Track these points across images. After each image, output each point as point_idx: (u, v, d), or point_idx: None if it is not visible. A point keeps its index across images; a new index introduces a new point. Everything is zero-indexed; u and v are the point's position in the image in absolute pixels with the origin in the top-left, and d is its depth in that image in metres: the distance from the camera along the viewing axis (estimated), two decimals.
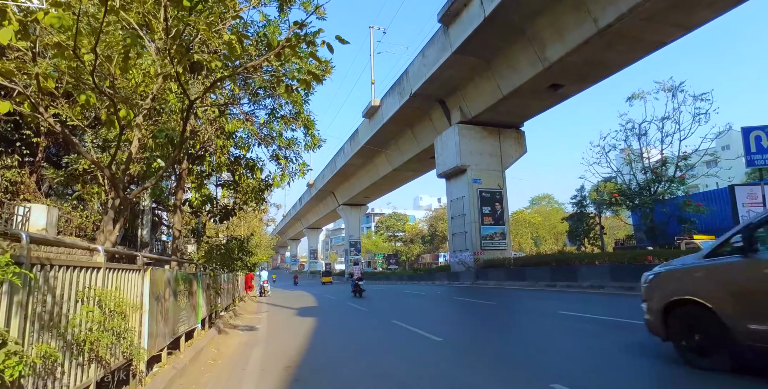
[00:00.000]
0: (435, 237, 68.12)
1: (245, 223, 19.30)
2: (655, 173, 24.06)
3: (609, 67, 18.50)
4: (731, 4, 14.22)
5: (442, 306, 13.17)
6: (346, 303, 15.26)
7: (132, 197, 4.87)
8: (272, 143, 8.10)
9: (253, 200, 8.30)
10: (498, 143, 24.92)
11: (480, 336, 7.11)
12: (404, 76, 25.55)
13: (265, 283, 23.38)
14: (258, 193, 8.22)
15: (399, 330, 8.13)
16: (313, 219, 67.12)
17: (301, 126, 7.42)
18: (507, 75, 20.37)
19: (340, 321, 10.22)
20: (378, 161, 37.33)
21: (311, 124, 7.25)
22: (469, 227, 23.37)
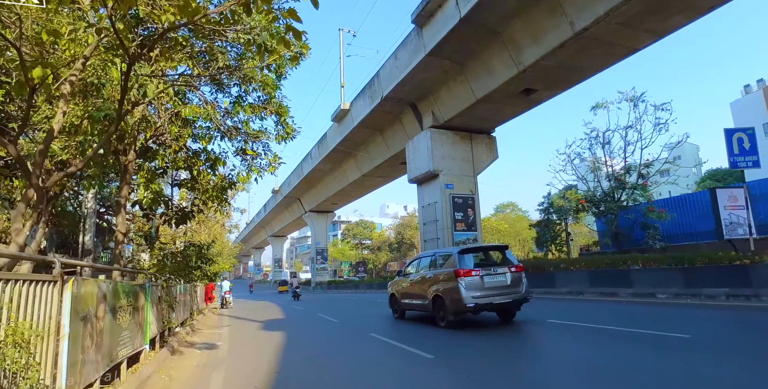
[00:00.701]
0: (402, 245, 67.57)
1: (206, 229, 17.91)
2: (619, 180, 24.46)
3: (582, 72, 18.50)
4: (703, 10, 14.40)
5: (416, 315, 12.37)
6: (316, 313, 14.22)
7: (49, 186, 3.83)
8: (238, 134, 7.13)
9: (214, 200, 7.25)
10: (470, 148, 24.61)
11: (476, 351, 6.36)
12: (375, 79, 24.91)
13: (227, 294, 21.92)
14: (220, 192, 7.20)
15: (381, 345, 7.28)
16: (278, 227, 65.14)
17: (271, 114, 6.50)
18: (481, 79, 20.07)
19: (312, 335, 9.24)
20: (347, 166, 36.43)
21: (284, 111, 6.34)
22: (441, 233, 22.80)
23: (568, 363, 5.12)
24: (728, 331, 6.60)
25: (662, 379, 4.13)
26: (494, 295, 8.47)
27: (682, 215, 24.14)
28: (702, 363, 4.63)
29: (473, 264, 9.09)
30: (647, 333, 6.58)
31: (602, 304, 11.25)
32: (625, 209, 23.98)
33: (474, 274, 8.59)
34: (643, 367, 4.61)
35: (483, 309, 8.49)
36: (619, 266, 12.81)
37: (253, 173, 6.51)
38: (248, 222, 72.87)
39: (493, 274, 8.80)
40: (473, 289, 8.42)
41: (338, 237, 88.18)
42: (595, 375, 4.46)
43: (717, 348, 5.35)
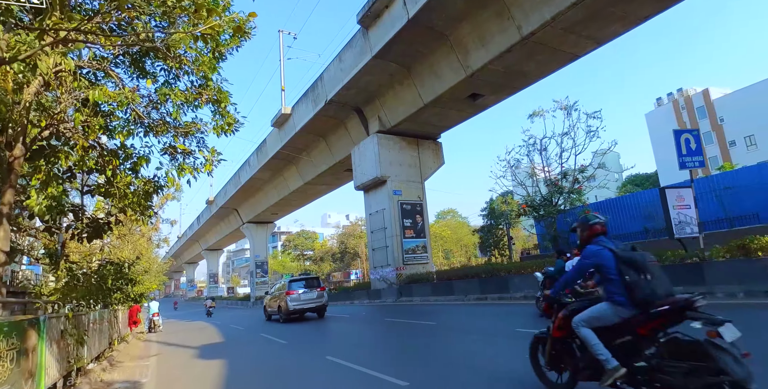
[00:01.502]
0: (345, 255, 66.24)
1: (130, 244, 15.77)
2: (556, 184, 25.27)
3: (527, 77, 18.76)
4: (639, 19, 15.01)
5: (376, 330, 11.43)
6: (259, 334, 12.80)
7: None
8: (166, 130, 5.89)
9: (135, 207, 5.92)
10: (417, 153, 24.27)
11: (454, 374, 5.55)
12: (319, 82, 23.92)
13: (156, 316, 19.60)
14: (143, 197, 5.88)
15: (342, 371, 6.28)
16: (213, 240, 61.30)
17: (207, 103, 5.36)
18: (428, 83, 19.77)
19: (259, 361, 7.98)
20: (288, 174, 34.85)
21: (224, 97, 5.21)
22: (390, 240, 22.11)
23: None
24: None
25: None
26: (306, 304, 15.94)
27: (614, 218, 25.35)
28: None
29: (298, 287, 16.13)
30: None
31: None
32: (563, 213, 24.80)
33: (295, 293, 15.89)
34: None
35: (299, 312, 15.91)
36: None
37: (186, 173, 5.30)
38: (180, 236, 68.00)
39: (308, 292, 16.05)
40: (294, 301, 15.73)
41: (278, 249, 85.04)
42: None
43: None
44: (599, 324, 3.48)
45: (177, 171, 5.32)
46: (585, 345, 3.50)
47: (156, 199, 6.82)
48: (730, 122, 49.89)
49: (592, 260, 3.58)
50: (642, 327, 3.25)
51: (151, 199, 5.93)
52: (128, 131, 5.65)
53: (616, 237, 15.25)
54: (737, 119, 48.63)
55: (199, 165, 5.85)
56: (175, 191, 13.91)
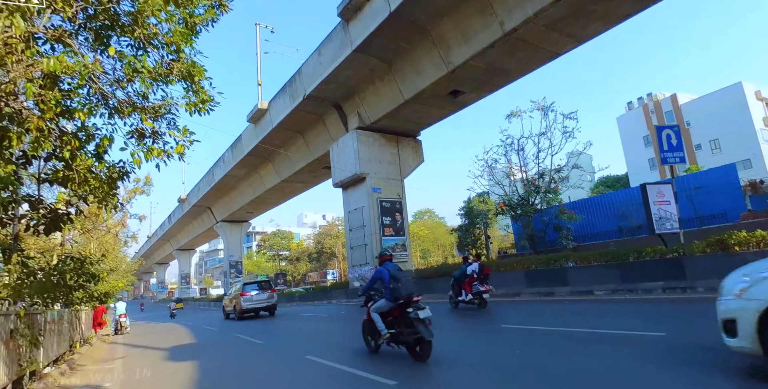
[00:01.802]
0: (322, 254, 65.53)
1: (95, 240, 14.84)
2: (533, 184, 25.48)
3: (508, 75, 18.74)
4: (620, 18, 15.14)
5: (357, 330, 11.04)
6: (233, 335, 12.23)
7: None
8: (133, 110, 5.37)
9: (98, 194, 5.38)
10: (397, 151, 24.00)
11: (443, 372, 5.25)
12: (297, 77, 23.37)
13: (123, 317, 18.66)
14: (106, 183, 5.35)
15: (324, 370, 5.90)
16: (185, 239, 59.54)
17: (180, 79, 4.88)
18: (409, 78, 19.53)
19: (234, 363, 7.50)
20: (264, 171, 34.06)
21: (198, 71, 4.74)
22: (369, 239, 21.75)
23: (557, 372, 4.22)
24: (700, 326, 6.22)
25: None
26: (258, 304, 17.88)
27: (589, 217, 25.76)
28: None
29: (251, 289, 18.25)
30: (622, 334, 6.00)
31: (541, 305, 10.88)
32: (540, 212, 25.04)
33: (248, 294, 17.89)
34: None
35: (252, 311, 17.86)
36: (553, 265, 12.68)
37: (154, 154, 4.78)
38: (150, 235, 65.84)
39: (260, 294, 18.01)
40: (247, 301, 17.63)
41: (253, 249, 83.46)
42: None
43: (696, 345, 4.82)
44: (380, 311, 6.28)
45: (144, 153, 4.82)
46: (374, 322, 6.36)
47: (122, 188, 6.25)
48: (696, 126, 51.66)
49: (377, 275, 6.35)
50: (395, 311, 6.11)
51: (115, 186, 5.39)
52: (89, 109, 5.11)
53: (590, 236, 15.39)
54: (703, 124, 50.37)
55: (169, 149, 5.35)
56: (144, 184, 13.16)
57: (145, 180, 13.27)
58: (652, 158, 56.86)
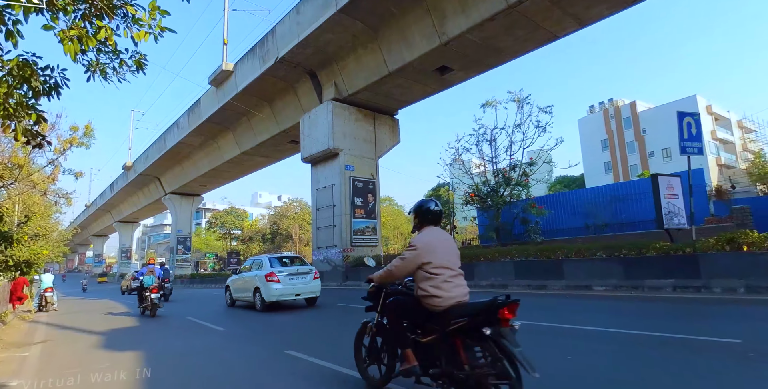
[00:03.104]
0: (277, 235, 63.03)
1: (17, 194, 12.25)
2: (505, 175, 24.97)
3: (501, 54, 17.65)
4: (627, 3, 14.35)
5: (332, 318, 9.66)
6: (186, 317, 10.49)
7: None
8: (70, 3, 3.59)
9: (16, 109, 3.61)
10: (373, 128, 22.49)
11: None
12: (270, 37, 21.19)
13: (49, 291, 16.18)
14: (17, 83, 3.58)
15: (317, 373, 4.49)
16: (128, 211, 55.19)
17: None
18: (396, 49, 18.00)
19: (194, 359, 5.89)
20: (223, 142, 31.46)
21: None
22: (338, 219, 20.25)
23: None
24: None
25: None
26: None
27: (555, 213, 25.63)
28: None
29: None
30: (690, 339, 5.01)
31: (534, 298, 9.97)
32: (509, 205, 24.69)
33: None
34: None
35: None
36: (549, 256, 11.82)
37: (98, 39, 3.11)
38: (88, 204, 60.71)
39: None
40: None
41: (202, 226, 79.38)
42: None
43: None
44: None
45: (85, 38, 3.12)
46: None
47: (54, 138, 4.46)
48: (651, 134, 53.63)
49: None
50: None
51: (36, 95, 3.62)
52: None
53: (557, 231, 14.75)
54: (657, 132, 52.36)
55: (127, 59, 3.65)
56: (83, 135, 10.86)
57: (85, 130, 11.00)
58: (608, 162, 58.72)
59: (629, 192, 23.31)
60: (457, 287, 3.12)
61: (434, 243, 3.18)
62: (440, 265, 3.12)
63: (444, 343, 3.01)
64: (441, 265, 3.13)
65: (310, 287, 11.35)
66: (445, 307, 3.01)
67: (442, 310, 3.01)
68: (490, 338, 2.74)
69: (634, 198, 22.94)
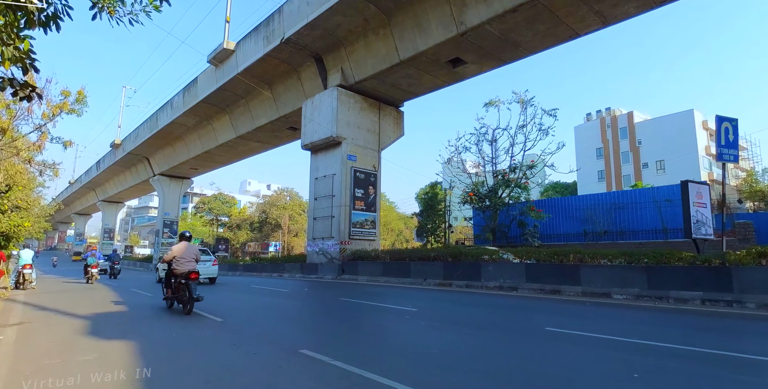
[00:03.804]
0: (265, 224, 61.92)
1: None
2: (505, 176, 24.61)
3: (519, 49, 17.03)
4: (655, 2, 13.81)
5: (341, 312, 8.96)
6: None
7: None
8: None
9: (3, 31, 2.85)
10: (378, 118, 21.76)
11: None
12: (276, 16, 20.27)
13: (27, 268, 15.23)
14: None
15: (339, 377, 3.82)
16: (113, 190, 53.60)
17: None
18: (410, 36, 17.28)
19: (192, 356, 5.18)
20: (218, 124, 30.41)
21: None
22: (337, 210, 19.52)
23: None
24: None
25: None
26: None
27: (554, 217, 25.31)
28: None
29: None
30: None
31: (556, 304, 9.45)
32: (507, 206, 24.42)
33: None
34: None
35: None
36: (562, 260, 11.29)
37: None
38: (72, 181, 58.90)
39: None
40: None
41: (188, 211, 77.83)
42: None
43: None
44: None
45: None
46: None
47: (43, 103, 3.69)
48: (647, 145, 53.72)
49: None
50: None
51: (30, 24, 2.87)
52: None
53: (554, 236, 14.36)
54: (652, 144, 52.45)
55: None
56: (75, 102, 9.94)
57: (78, 95, 10.07)
58: (602, 170, 58.70)
59: (630, 201, 23.01)
60: (186, 265, 8.17)
61: (180, 248, 8.30)
62: (180, 257, 8.18)
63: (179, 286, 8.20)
64: (181, 257, 8.18)
65: (209, 271, 17.02)
66: (178, 273, 8.12)
67: (179, 273, 8.12)
68: (186, 284, 8.00)
69: (634, 207, 22.65)
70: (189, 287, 7.94)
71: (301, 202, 62.72)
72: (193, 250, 8.40)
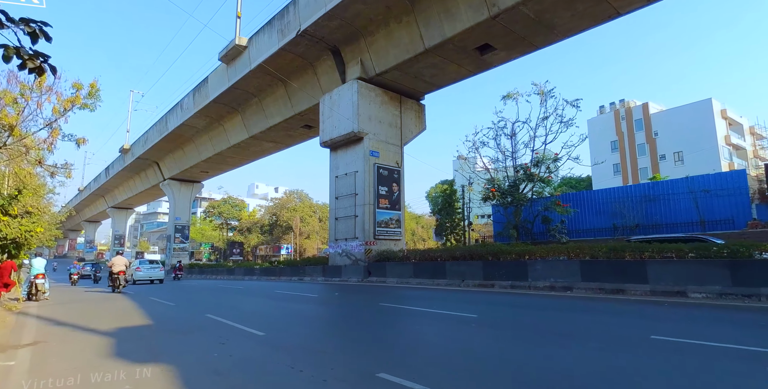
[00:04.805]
0: (276, 227, 61.14)
1: (6, 160, 10.24)
2: (528, 171, 23.54)
3: (553, 32, 15.95)
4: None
5: (393, 321, 7.94)
6: (205, 315, 8.73)
7: None
8: None
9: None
10: (399, 112, 20.75)
11: None
12: (291, 7, 19.34)
13: (40, 278, 14.36)
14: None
15: None
16: (123, 196, 53.01)
17: None
18: (436, 22, 16.27)
19: (246, 384, 4.20)
20: (230, 124, 29.57)
21: None
22: (361, 210, 18.52)
23: None
24: None
25: None
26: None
27: (579, 212, 24.21)
28: None
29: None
30: None
31: (640, 306, 8.37)
32: (532, 202, 23.40)
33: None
34: None
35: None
36: (626, 257, 10.20)
37: None
38: (81, 188, 58.45)
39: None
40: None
41: (197, 215, 77.28)
42: None
43: None
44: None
45: None
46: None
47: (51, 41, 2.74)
48: (663, 137, 52.21)
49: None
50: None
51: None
52: None
53: (581, 232, 13.13)
54: (669, 135, 50.97)
55: None
56: (87, 96, 9.04)
57: (90, 89, 9.14)
58: (617, 164, 57.18)
59: (662, 192, 21.83)
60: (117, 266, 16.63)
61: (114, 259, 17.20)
62: (114, 264, 16.86)
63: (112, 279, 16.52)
64: (114, 264, 16.83)
65: (156, 274, 24.41)
66: (115, 271, 16.46)
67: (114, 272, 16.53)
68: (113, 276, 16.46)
69: (667, 199, 21.47)
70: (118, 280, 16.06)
71: (312, 204, 61.83)
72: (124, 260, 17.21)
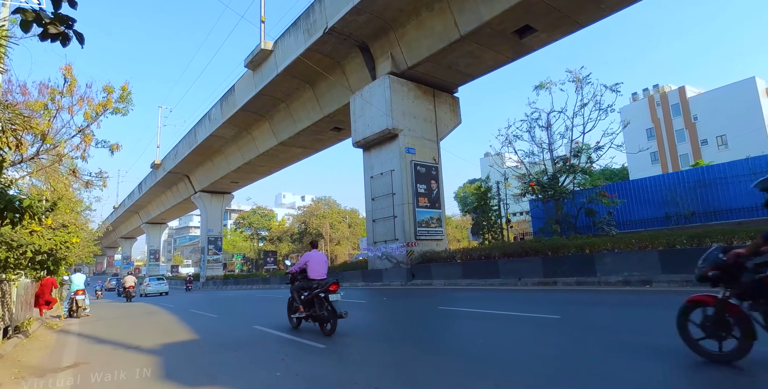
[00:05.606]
0: (305, 235, 60.87)
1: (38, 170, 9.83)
2: (568, 162, 22.09)
3: (599, 7, 14.76)
4: None
5: (465, 327, 6.96)
6: (253, 327, 7.96)
7: None
8: None
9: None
10: (433, 106, 19.82)
11: None
12: (316, 6, 18.76)
13: (80, 294, 14.05)
14: None
15: None
16: (156, 211, 53.77)
17: None
18: (471, 6, 15.31)
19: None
20: (258, 132, 29.25)
21: None
22: (399, 209, 17.61)
23: None
24: None
25: None
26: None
27: (627, 202, 22.65)
28: None
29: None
30: None
31: None
32: (574, 194, 21.96)
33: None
34: None
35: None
36: (706, 244, 8.92)
37: None
38: (116, 206, 59.75)
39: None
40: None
41: (228, 227, 78.02)
42: None
43: None
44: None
45: None
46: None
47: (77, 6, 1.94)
48: (703, 121, 49.45)
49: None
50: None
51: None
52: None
53: (629, 223, 11.48)
54: (710, 119, 48.28)
55: None
56: (119, 99, 8.57)
57: (121, 92, 8.66)
58: (655, 152, 54.41)
59: (718, 176, 20.09)
60: (128, 282, 22.08)
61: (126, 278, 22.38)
62: (126, 281, 22.36)
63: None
64: (126, 281, 22.32)
65: (163, 288, 28.54)
66: (126, 286, 21.55)
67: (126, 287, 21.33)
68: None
69: (724, 183, 19.74)
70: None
71: (340, 210, 61.36)
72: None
